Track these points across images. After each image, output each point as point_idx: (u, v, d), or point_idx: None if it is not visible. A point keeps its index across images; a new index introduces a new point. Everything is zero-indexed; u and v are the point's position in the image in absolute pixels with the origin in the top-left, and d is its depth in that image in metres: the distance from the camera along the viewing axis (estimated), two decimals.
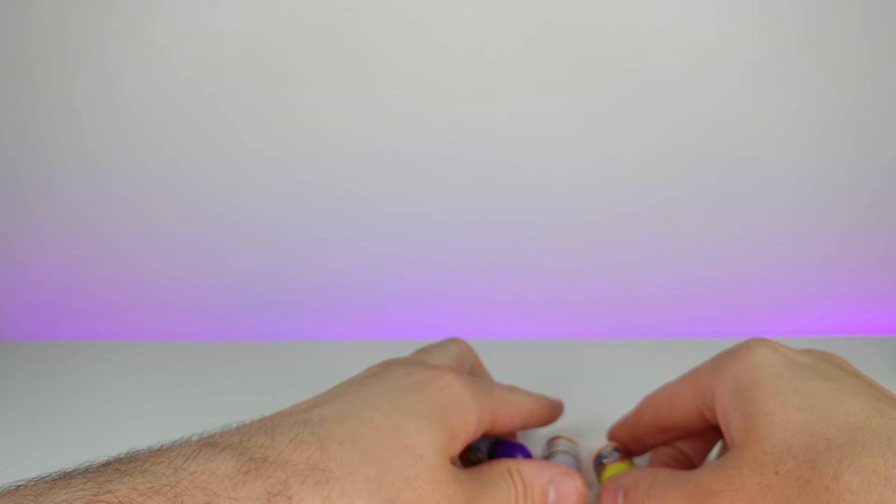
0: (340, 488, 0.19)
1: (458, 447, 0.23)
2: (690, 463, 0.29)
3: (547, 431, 0.35)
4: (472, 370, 0.31)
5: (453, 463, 0.23)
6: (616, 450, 0.30)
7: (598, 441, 0.32)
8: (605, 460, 0.29)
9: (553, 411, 0.31)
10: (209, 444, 0.19)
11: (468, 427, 0.24)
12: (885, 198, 0.45)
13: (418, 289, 0.48)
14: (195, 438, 0.20)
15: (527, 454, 0.28)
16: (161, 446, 0.19)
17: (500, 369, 0.42)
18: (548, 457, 0.31)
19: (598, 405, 0.37)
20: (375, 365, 0.28)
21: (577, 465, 0.30)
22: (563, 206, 0.45)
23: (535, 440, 0.34)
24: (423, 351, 0.30)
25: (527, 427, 0.30)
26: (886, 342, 0.46)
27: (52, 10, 0.41)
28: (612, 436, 0.31)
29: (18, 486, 0.16)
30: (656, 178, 0.44)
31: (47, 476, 0.17)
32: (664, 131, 0.43)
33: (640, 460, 0.32)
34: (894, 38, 0.41)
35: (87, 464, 0.18)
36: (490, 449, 0.29)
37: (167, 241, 0.46)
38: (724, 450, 0.27)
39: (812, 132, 0.43)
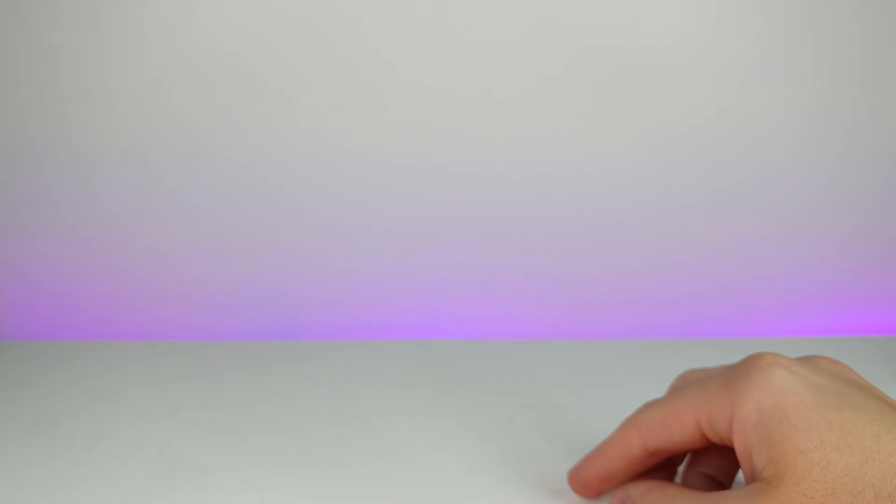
0: None
1: None
2: (719, 486, 0.27)
3: None
4: None
5: None
6: None
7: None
8: None
9: None
10: None
11: None
12: (887, 200, 0.45)
13: (419, 289, 0.48)
14: None
15: None
16: None
17: (500, 369, 0.42)
18: None
19: (599, 406, 0.37)
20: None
21: None
22: (564, 207, 0.45)
23: None
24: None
25: None
26: (886, 342, 0.46)
27: (43, 20, 0.41)
28: (580, 478, 0.28)
29: None
30: (658, 182, 0.44)
31: None
32: (667, 137, 0.43)
33: None
34: None
35: None
36: None
37: (167, 241, 0.46)
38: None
39: (815, 135, 0.43)
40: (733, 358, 0.26)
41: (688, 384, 0.26)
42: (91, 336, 0.49)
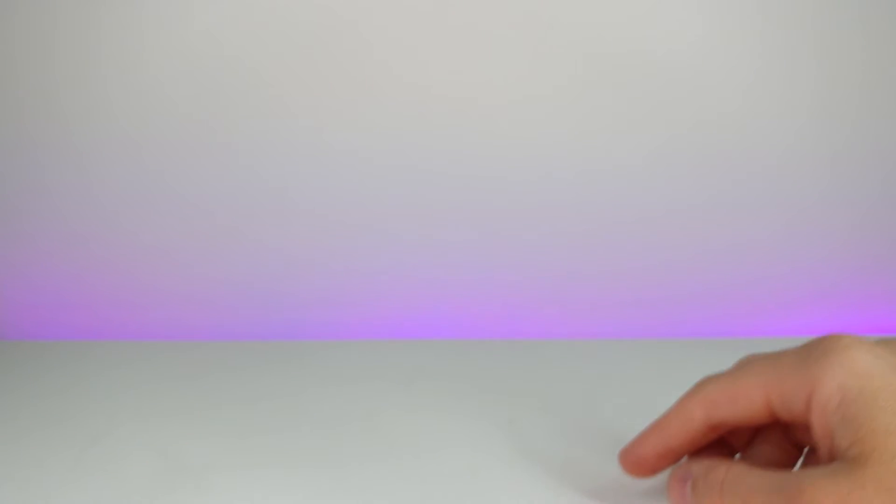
0: None
1: None
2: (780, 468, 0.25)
3: None
4: None
5: None
6: None
7: (599, 445, 0.32)
8: None
9: None
10: None
11: None
12: (886, 200, 0.45)
13: (419, 289, 0.48)
14: None
15: None
16: None
17: (500, 369, 0.42)
18: None
19: (599, 405, 0.37)
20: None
21: None
22: (564, 208, 0.45)
23: None
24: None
25: None
26: None
27: (43, 19, 0.41)
28: (634, 456, 0.27)
29: None
30: (658, 182, 0.44)
31: None
32: (667, 138, 0.43)
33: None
34: None
35: None
36: None
37: (167, 240, 0.46)
38: (813, 458, 0.25)
39: (816, 136, 0.43)
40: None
41: (755, 359, 0.25)
42: (91, 336, 0.49)
